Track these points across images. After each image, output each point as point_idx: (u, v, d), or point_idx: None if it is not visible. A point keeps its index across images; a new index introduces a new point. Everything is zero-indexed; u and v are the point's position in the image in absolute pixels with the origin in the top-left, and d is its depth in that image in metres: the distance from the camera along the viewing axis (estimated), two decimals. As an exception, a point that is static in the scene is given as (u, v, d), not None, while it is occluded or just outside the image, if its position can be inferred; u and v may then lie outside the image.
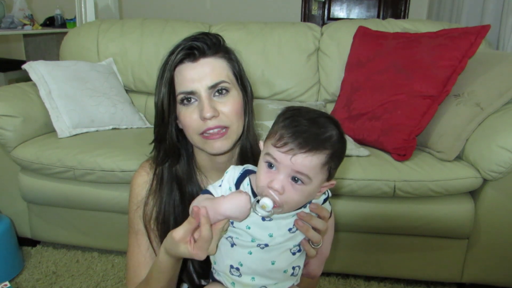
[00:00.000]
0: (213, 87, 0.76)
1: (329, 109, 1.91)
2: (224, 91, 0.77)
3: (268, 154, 0.63)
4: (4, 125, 1.57)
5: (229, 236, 0.68)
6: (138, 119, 1.92)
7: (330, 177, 0.66)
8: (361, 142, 1.62)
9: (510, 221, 1.41)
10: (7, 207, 1.72)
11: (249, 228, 0.66)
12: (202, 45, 0.76)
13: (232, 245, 0.68)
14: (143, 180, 0.87)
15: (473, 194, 1.45)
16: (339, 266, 1.57)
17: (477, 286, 1.54)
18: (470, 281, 1.53)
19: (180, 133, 0.83)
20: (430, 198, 1.42)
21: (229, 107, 0.77)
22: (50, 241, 1.79)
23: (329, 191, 0.73)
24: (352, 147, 1.54)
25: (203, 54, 0.77)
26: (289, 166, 0.61)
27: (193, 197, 0.79)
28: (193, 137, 0.79)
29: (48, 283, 1.57)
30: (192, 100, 0.77)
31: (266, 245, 0.66)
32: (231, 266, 0.68)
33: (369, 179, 1.40)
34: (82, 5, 2.67)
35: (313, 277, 0.80)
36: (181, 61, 0.77)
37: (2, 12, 3.03)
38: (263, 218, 0.66)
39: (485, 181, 1.40)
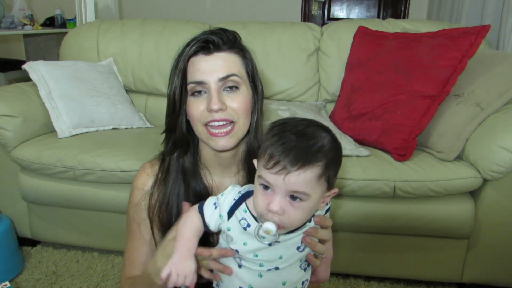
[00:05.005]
0: (224, 79, 0.76)
1: (329, 109, 1.91)
2: (234, 88, 0.78)
3: (260, 177, 0.61)
4: (4, 125, 1.57)
5: (237, 257, 0.66)
6: (138, 119, 1.92)
7: (330, 186, 0.62)
8: (361, 142, 1.62)
9: (510, 221, 1.41)
10: (7, 207, 1.72)
11: (256, 256, 0.64)
12: (218, 39, 0.77)
13: (240, 266, 0.66)
14: (145, 179, 0.88)
15: (473, 194, 1.45)
16: (339, 266, 1.57)
17: (477, 286, 1.54)
18: (470, 281, 1.53)
19: (189, 124, 0.84)
20: (430, 198, 1.42)
21: (237, 103, 0.78)
22: (50, 241, 1.79)
23: (329, 202, 0.72)
24: (352, 147, 1.54)
25: (217, 48, 0.77)
26: (283, 187, 0.58)
27: (196, 190, 0.80)
28: (199, 128, 0.79)
29: (48, 283, 1.57)
30: (202, 92, 0.78)
31: (277, 268, 0.65)
32: None
33: (369, 179, 1.40)
34: (82, 5, 2.67)
35: (323, 281, 0.80)
36: (195, 53, 0.77)
37: (2, 12, 3.03)
38: (270, 244, 0.64)
39: (485, 181, 1.40)
